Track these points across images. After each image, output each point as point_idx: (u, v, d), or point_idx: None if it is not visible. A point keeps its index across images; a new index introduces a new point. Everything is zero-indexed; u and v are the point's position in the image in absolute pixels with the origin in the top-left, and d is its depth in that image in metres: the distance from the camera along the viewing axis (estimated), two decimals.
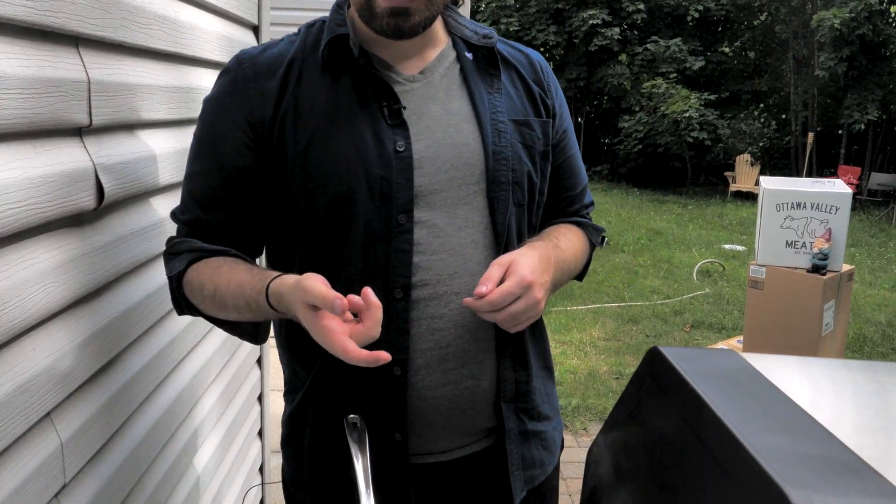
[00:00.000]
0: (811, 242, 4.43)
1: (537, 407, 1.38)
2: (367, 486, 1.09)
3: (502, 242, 1.30)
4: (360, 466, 1.11)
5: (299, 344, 1.31)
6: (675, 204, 14.66)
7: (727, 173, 16.31)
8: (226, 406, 2.10)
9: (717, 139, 16.81)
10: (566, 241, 1.41)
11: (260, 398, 2.55)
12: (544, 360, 1.44)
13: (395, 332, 1.23)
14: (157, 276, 1.56)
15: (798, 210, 4.43)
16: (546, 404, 1.41)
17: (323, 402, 1.31)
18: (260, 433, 2.58)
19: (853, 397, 0.77)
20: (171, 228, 1.63)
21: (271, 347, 2.78)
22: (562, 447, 1.48)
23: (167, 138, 1.63)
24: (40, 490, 1.12)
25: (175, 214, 1.33)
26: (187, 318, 1.74)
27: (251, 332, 1.35)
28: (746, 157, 16.05)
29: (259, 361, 2.51)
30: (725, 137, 16.86)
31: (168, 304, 1.62)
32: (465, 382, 1.27)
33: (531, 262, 1.19)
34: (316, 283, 1.05)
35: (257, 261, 1.34)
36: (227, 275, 1.22)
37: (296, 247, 1.29)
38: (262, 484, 2.63)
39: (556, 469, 1.47)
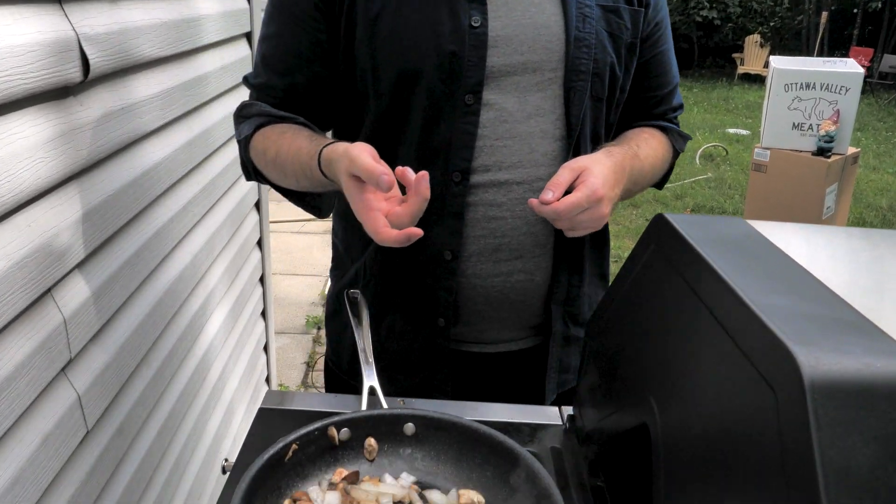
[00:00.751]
0: (818, 125, 4.35)
1: (583, 313, 1.36)
2: (366, 360, 1.10)
3: (574, 136, 1.22)
4: (360, 340, 1.11)
5: (355, 220, 1.31)
6: (680, 87, 14.28)
7: (735, 55, 15.86)
8: (228, 286, 2.12)
9: (726, 18, 16.23)
10: (647, 148, 1.31)
11: (262, 280, 2.57)
12: (600, 268, 1.40)
13: (449, 217, 1.20)
14: (151, 154, 1.53)
15: (807, 91, 4.33)
16: (592, 311, 1.38)
17: (374, 279, 1.30)
18: (263, 314, 2.62)
19: (852, 262, 0.76)
20: (160, 107, 1.58)
21: (272, 232, 2.78)
22: None
23: (152, 9, 1.55)
24: (46, 364, 1.14)
25: (247, 79, 1.30)
26: (183, 199, 1.72)
27: (315, 204, 1.32)
28: (756, 37, 15.55)
29: (260, 244, 2.51)
30: (735, 16, 16.28)
31: (164, 184, 1.60)
32: (518, 276, 1.25)
33: (604, 173, 1.12)
34: (362, 153, 0.98)
35: None
36: (289, 140, 1.18)
37: (360, 126, 1.25)
38: (268, 362, 2.69)
39: None
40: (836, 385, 0.47)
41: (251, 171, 1.29)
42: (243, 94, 2.24)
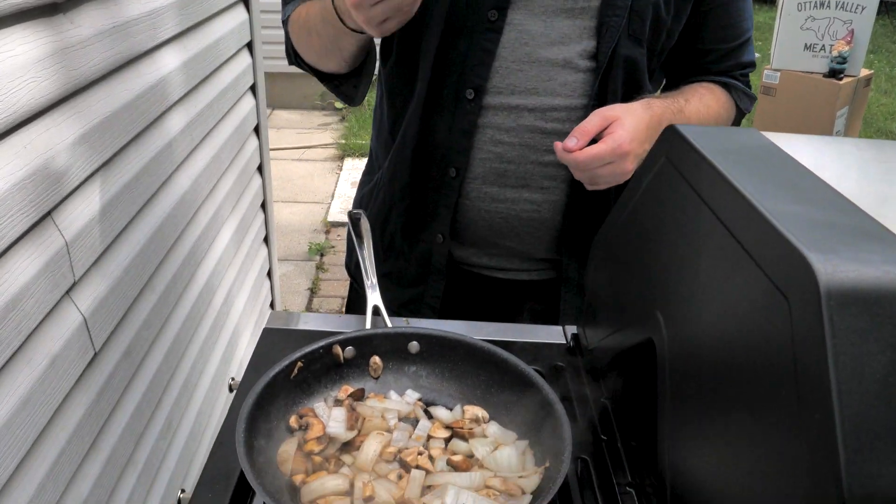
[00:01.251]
0: (831, 45, 4.24)
1: None
2: (369, 280, 1.09)
3: (599, 73, 1.15)
4: (363, 260, 1.11)
5: (386, 124, 1.30)
6: None
7: None
8: (230, 211, 2.11)
9: None
10: (698, 104, 1.21)
11: (263, 206, 2.55)
12: None
13: (458, 133, 1.18)
14: (146, 75, 1.49)
15: (821, 10, 4.20)
16: None
17: (384, 188, 1.31)
18: (266, 240, 2.61)
19: (862, 172, 0.74)
20: (152, 26, 1.54)
21: (272, 160, 2.74)
22: None
23: None
24: (51, 287, 1.14)
25: None
26: (181, 122, 1.69)
27: (349, 93, 1.31)
28: None
29: (260, 169, 2.49)
30: None
31: (160, 107, 1.57)
32: (523, 206, 1.22)
33: (636, 126, 1.05)
34: None
35: None
36: (318, 3, 1.17)
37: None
38: (271, 288, 2.70)
39: None
40: (852, 293, 0.46)
41: (292, 53, 1.29)
42: (241, 13, 2.18)
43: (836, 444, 0.43)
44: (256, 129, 2.45)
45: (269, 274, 2.69)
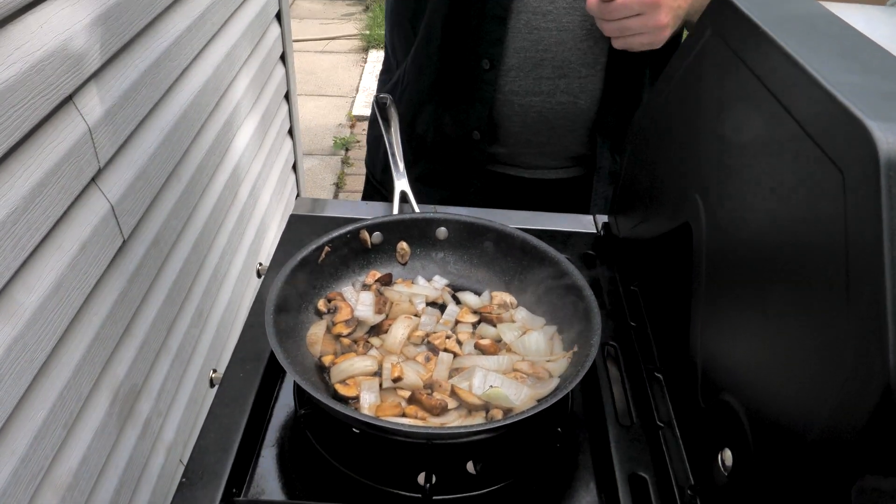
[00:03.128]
0: None
1: None
2: (396, 166, 1.07)
3: None
4: (391, 146, 1.08)
5: (401, 19, 1.25)
6: None
7: None
8: (254, 101, 2.07)
9: None
10: None
11: (287, 97, 2.50)
12: None
13: (491, 21, 1.12)
14: None
15: None
16: None
17: (410, 87, 1.26)
18: (290, 132, 2.58)
19: None
20: None
21: (295, 51, 2.67)
22: None
23: None
24: (76, 173, 1.13)
25: None
26: (202, 5, 1.64)
27: None
28: None
29: (283, 59, 2.43)
30: None
31: None
32: (560, 97, 1.18)
33: None
34: None
35: None
36: None
37: None
38: (297, 181, 2.69)
39: None
40: None
41: None
42: None
43: (885, 320, 0.41)
44: (278, 16, 2.38)
45: (295, 167, 2.67)
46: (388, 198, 1.31)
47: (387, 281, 0.95)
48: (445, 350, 0.86)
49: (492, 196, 1.30)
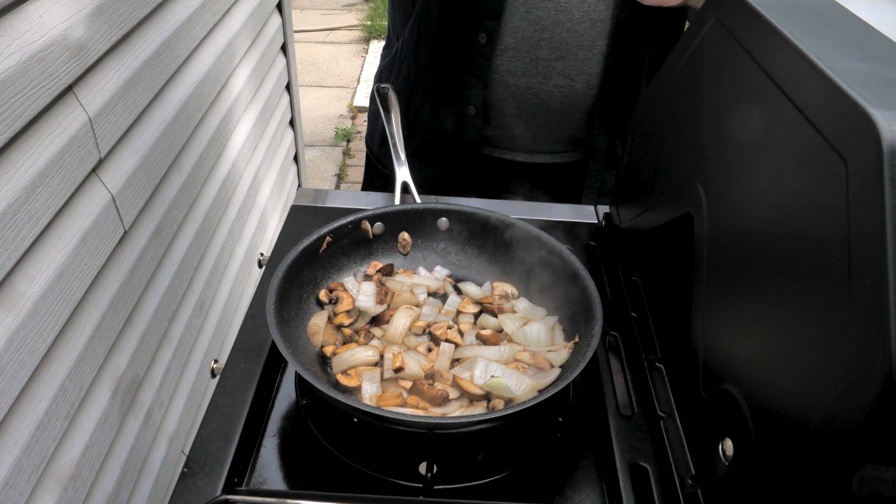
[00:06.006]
0: None
1: None
2: (398, 156, 1.06)
3: None
4: (392, 136, 1.08)
5: None
6: None
7: None
8: (254, 92, 2.06)
9: None
10: None
11: (288, 87, 2.50)
12: None
13: None
14: None
15: None
16: None
17: (408, 60, 1.26)
18: (291, 123, 2.58)
19: None
20: None
21: (296, 42, 2.67)
22: None
23: None
24: (77, 163, 1.13)
25: None
26: None
27: None
28: None
29: (284, 49, 2.42)
30: None
31: None
32: (556, 79, 1.17)
33: None
34: None
35: None
36: None
37: None
38: (298, 172, 2.69)
39: None
40: None
41: None
42: None
43: (887, 309, 0.41)
44: (279, 7, 2.37)
45: (296, 158, 2.67)
46: (385, 176, 1.30)
47: (388, 271, 0.95)
48: (447, 340, 0.86)
49: (485, 181, 1.29)
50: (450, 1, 1.15)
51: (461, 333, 0.88)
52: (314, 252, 0.90)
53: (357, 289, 0.91)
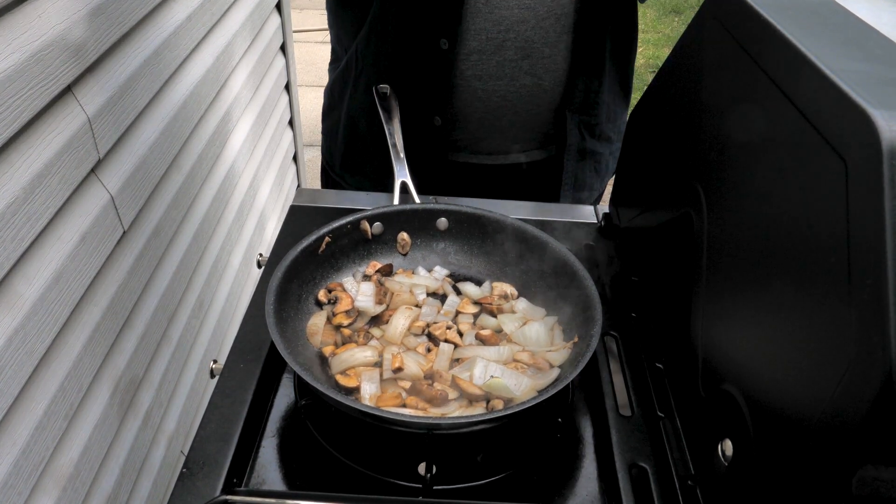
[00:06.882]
0: None
1: (601, 124, 1.26)
2: (397, 156, 1.06)
3: None
4: (391, 136, 1.08)
5: (344, 5, 1.21)
6: None
7: None
8: (254, 91, 2.06)
9: None
10: None
11: (287, 87, 2.50)
12: (622, 73, 1.27)
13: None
14: None
15: None
16: (611, 123, 1.28)
17: (363, 72, 1.23)
18: (291, 123, 2.58)
19: None
20: None
21: (295, 42, 2.66)
22: (612, 174, 1.40)
23: None
24: (76, 163, 1.13)
25: None
26: None
27: None
28: None
29: (283, 49, 2.42)
30: None
31: None
32: (523, 79, 1.15)
33: None
34: None
35: None
36: None
37: None
38: (298, 172, 2.69)
39: (600, 196, 1.41)
40: None
41: None
42: None
43: (887, 309, 0.41)
44: (278, 7, 2.37)
45: (295, 158, 2.67)
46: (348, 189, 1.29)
47: (387, 271, 0.95)
48: (446, 341, 0.86)
49: (455, 186, 1.27)
50: (406, 8, 1.11)
51: (460, 334, 0.88)
52: (313, 252, 0.90)
53: (356, 289, 0.91)
